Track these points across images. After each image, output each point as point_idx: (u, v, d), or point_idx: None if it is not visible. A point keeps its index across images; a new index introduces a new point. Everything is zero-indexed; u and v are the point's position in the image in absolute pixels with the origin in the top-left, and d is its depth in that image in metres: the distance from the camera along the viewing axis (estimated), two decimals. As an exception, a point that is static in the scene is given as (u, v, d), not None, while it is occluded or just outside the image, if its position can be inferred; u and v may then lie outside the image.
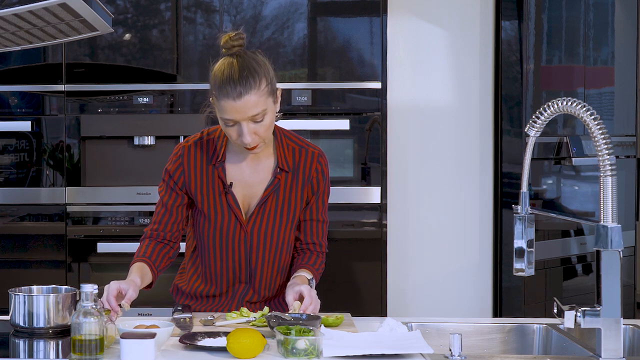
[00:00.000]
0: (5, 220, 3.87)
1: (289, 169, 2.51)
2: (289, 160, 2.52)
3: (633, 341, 2.35)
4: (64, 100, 3.84)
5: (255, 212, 2.50)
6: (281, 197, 2.52)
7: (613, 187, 1.98)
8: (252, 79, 2.34)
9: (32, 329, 2.24)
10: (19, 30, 2.40)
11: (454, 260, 4.49)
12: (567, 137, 4.38)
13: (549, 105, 2.10)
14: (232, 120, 2.36)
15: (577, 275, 4.67)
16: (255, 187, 2.52)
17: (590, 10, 4.59)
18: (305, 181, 2.53)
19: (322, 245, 2.62)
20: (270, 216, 2.51)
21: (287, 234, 2.54)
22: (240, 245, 2.52)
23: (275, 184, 2.50)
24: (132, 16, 3.88)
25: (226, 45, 2.41)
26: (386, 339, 2.15)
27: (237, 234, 2.51)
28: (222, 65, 2.39)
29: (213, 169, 2.50)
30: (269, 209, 2.51)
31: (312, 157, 2.54)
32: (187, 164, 2.51)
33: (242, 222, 2.50)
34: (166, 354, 2.04)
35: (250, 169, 2.52)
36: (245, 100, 2.33)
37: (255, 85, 2.34)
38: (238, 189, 2.51)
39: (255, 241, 2.52)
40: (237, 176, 2.51)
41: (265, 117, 2.37)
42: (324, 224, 2.60)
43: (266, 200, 2.50)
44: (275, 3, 3.87)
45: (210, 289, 2.58)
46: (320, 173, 2.55)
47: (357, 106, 3.90)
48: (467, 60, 4.47)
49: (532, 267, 2.22)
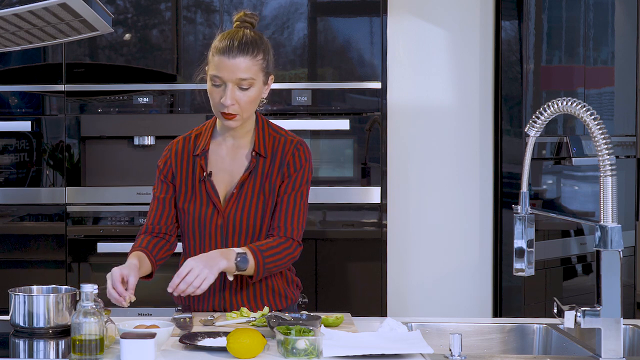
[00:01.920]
0: (5, 220, 3.87)
1: (265, 155, 2.53)
2: (268, 146, 2.55)
3: (633, 341, 2.35)
4: (64, 100, 3.84)
5: (233, 197, 2.52)
6: (258, 182, 2.53)
7: (613, 187, 1.98)
8: (252, 47, 2.46)
9: (32, 329, 2.24)
10: (19, 30, 2.40)
11: (454, 260, 4.49)
12: (567, 137, 4.38)
13: (549, 105, 2.10)
14: (221, 79, 2.45)
15: (577, 275, 4.67)
16: (234, 174, 2.55)
17: (590, 10, 4.59)
18: (281, 164, 2.54)
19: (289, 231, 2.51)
20: (247, 202, 2.52)
21: (263, 221, 2.53)
22: (217, 233, 2.53)
23: (251, 166, 2.52)
24: (132, 16, 3.88)
25: (239, 19, 2.53)
26: (386, 339, 2.15)
27: (214, 221, 2.52)
28: (228, 32, 2.51)
29: (196, 159, 2.55)
30: (244, 194, 2.52)
31: (291, 144, 2.56)
32: (175, 157, 2.59)
33: (219, 209, 2.52)
34: (166, 354, 2.04)
35: (230, 157, 2.56)
36: (239, 61, 2.44)
37: (252, 53, 2.46)
38: (219, 177, 2.54)
39: (231, 228, 2.52)
40: (218, 165, 2.55)
41: (251, 87, 2.46)
42: (294, 209, 2.52)
43: (243, 184, 2.52)
44: (275, 3, 3.87)
45: None
46: (297, 157, 2.54)
47: (357, 106, 3.90)
48: (467, 60, 4.47)
49: (532, 267, 2.22)
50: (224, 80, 2.45)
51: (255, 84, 2.46)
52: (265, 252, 2.45)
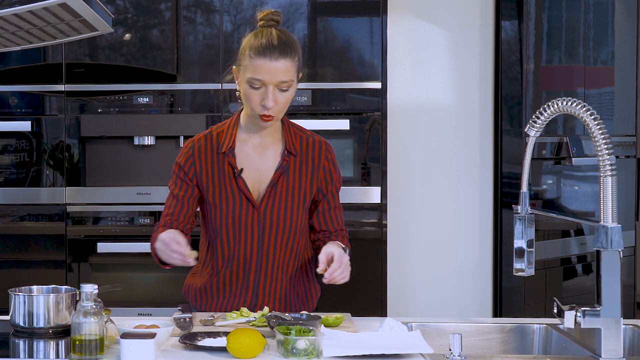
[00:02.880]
0: (5, 220, 3.87)
1: (296, 153, 2.55)
2: (296, 145, 2.57)
3: (633, 341, 2.35)
4: (64, 100, 3.84)
5: (267, 194, 2.52)
6: (291, 180, 2.55)
7: (613, 187, 1.98)
8: (290, 48, 2.46)
9: (32, 329, 2.24)
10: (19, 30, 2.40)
11: (454, 260, 4.49)
12: (567, 137, 4.38)
13: (549, 105, 2.10)
14: (261, 82, 2.43)
15: (577, 275, 4.67)
16: (264, 173, 2.55)
17: (590, 10, 4.59)
18: (316, 167, 2.57)
19: (345, 230, 2.68)
20: (281, 198, 2.53)
21: (298, 218, 2.55)
22: (253, 228, 2.53)
23: (284, 165, 2.54)
24: (132, 16, 3.88)
25: (265, 18, 2.51)
26: (386, 339, 2.15)
27: (249, 216, 2.52)
28: (260, 33, 2.48)
29: (223, 157, 2.54)
30: (279, 191, 2.54)
31: (320, 145, 2.60)
32: (198, 155, 2.55)
33: (254, 204, 2.52)
34: (166, 354, 2.04)
35: (258, 156, 2.55)
36: (281, 64, 2.42)
37: (291, 54, 2.45)
38: (247, 175, 2.54)
39: (268, 222, 2.53)
40: (245, 163, 2.54)
41: (289, 89, 2.46)
42: (341, 210, 2.67)
43: (276, 183, 2.53)
44: (275, 3, 3.87)
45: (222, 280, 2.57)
46: (331, 162, 2.60)
47: (357, 106, 3.90)
48: (467, 60, 4.47)
49: (532, 267, 2.22)
50: (265, 83, 2.43)
51: (293, 84, 2.47)
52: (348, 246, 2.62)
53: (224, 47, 3.84)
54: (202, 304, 2.61)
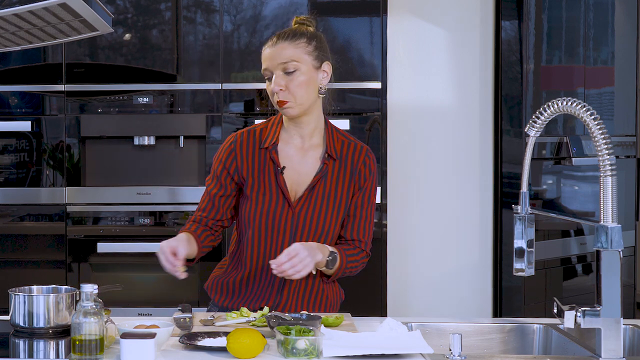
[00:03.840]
0: (5, 220, 3.87)
1: (337, 157, 2.54)
2: (338, 149, 2.56)
3: (633, 341, 2.35)
4: (64, 100, 3.84)
5: (304, 196, 2.52)
6: (329, 184, 2.53)
7: (613, 187, 1.98)
8: (292, 34, 2.48)
9: (32, 329, 2.24)
10: (19, 30, 2.40)
11: (454, 260, 4.49)
12: (567, 137, 4.38)
13: (549, 105, 2.10)
14: (268, 70, 2.47)
15: (577, 275, 4.67)
16: (304, 175, 2.54)
17: (590, 10, 4.59)
18: (353, 171, 2.56)
19: (364, 243, 2.60)
20: (317, 202, 2.52)
21: (332, 224, 2.54)
22: (286, 227, 2.52)
23: (323, 169, 2.53)
24: (132, 16, 3.88)
25: (299, 21, 2.55)
26: (386, 339, 2.15)
27: (284, 215, 2.51)
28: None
29: (265, 152, 2.54)
30: (316, 194, 2.52)
31: (361, 150, 2.58)
32: (240, 149, 2.55)
33: (290, 203, 2.51)
34: (166, 354, 2.04)
35: (299, 157, 2.55)
36: (279, 47, 2.46)
37: (295, 39, 2.47)
38: (287, 175, 2.54)
39: (302, 224, 2.52)
40: (286, 163, 2.54)
41: (296, 71, 2.46)
42: (368, 222, 2.59)
43: (314, 186, 2.52)
44: (275, 3, 3.87)
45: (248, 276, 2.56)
46: (368, 167, 2.58)
47: (357, 106, 3.90)
48: (467, 60, 4.47)
49: (532, 267, 2.22)
50: (270, 70, 2.47)
51: (300, 67, 2.46)
52: (349, 258, 2.54)
53: (224, 47, 3.84)
54: (225, 299, 2.60)
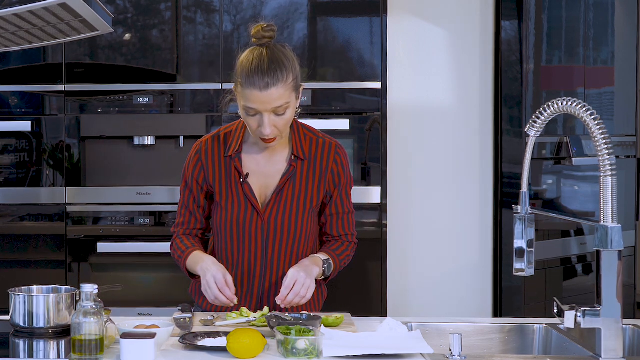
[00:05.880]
0: (5, 220, 3.87)
1: (304, 157, 2.53)
2: (305, 149, 2.54)
3: (633, 341, 2.35)
4: (64, 100, 3.84)
5: (272, 200, 2.51)
6: (297, 185, 2.53)
7: (613, 187, 1.98)
8: (280, 71, 2.38)
9: (32, 329, 2.24)
10: (19, 30, 2.40)
11: (454, 260, 4.49)
12: (567, 137, 4.38)
13: (549, 105, 2.10)
14: (255, 110, 2.40)
15: (577, 275, 4.67)
16: (271, 178, 2.53)
17: (590, 10, 4.58)
18: (324, 170, 2.55)
19: (351, 235, 2.64)
20: (287, 204, 2.52)
21: (304, 224, 2.54)
22: (257, 235, 2.52)
23: (290, 171, 2.52)
24: (132, 16, 3.88)
25: (257, 36, 2.43)
26: (386, 339, 2.15)
27: (254, 223, 2.51)
28: (251, 54, 2.42)
29: (230, 160, 2.52)
30: (285, 197, 2.52)
31: (330, 147, 2.56)
32: (205, 158, 2.54)
33: (258, 210, 2.51)
34: (166, 354, 2.04)
35: (266, 160, 2.54)
36: (271, 92, 2.36)
37: (283, 78, 2.38)
38: (254, 179, 2.53)
39: (272, 230, 2.52)
40: (252, 167, 2.53)
41: (287, 111, 2.41)
42: (350, 214, 2.62)
43: (282, 189, 2.52)
44: (275, 3, 3.87)
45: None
46: (340, 165, 2.57)
47: (357, 106, 3.90)
48: (467, 60, 4.47)
49: (532, 267, 2.22)
50: (259, 111, 2.39)
51: (290, 105, 2.42)
52: (340, 257, 2.59)
53: (224, 47, 3.83)
54: (207, 304, 2.60)
